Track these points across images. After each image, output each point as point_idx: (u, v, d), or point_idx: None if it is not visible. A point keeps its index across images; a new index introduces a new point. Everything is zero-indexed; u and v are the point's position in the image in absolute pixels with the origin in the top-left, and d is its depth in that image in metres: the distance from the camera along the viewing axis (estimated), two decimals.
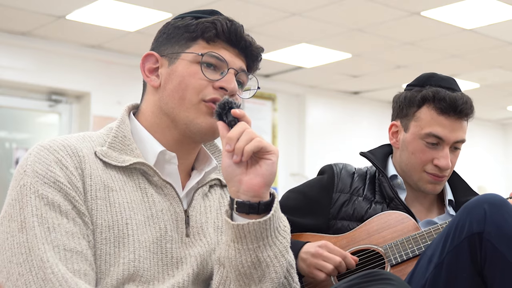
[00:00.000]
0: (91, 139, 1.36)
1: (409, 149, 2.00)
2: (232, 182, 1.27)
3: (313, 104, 7.73)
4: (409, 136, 2.00)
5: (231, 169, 1.27)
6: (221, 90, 1.35)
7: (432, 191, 2.00)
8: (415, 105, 1.99)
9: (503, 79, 7.33)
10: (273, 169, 1.26)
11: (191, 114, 1.35)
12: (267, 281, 1.28)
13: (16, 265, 1.18)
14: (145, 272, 1.28)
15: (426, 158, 1.96)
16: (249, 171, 1.26)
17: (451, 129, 1.95)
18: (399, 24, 5.38)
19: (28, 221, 1.20)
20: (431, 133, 1.94)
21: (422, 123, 1.97)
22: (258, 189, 1.25)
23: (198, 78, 1.35)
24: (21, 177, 1.25)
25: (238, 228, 1.25)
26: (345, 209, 2.00)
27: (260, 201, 1.26)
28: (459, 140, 1.97)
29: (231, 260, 1.28)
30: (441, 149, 1.95)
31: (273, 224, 1.27)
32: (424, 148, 1.96)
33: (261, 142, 1.25)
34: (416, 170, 1.99)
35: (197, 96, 1.35)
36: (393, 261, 1.86)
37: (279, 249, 1.28)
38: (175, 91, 1.36)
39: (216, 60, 1.37)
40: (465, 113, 1.97)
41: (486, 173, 9.49)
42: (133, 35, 5.63)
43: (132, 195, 1.31)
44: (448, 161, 1.94)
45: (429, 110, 1.96)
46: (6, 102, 5.94)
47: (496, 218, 1.55)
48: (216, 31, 1.37)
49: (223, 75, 1.36)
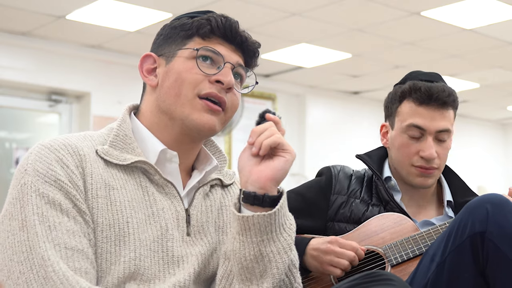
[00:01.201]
0: (92, 138, 1.36)
1: (395, 145, 2.01)
2: (243, 172, 1.31)
3: (313, 104, 7.73)
4: (394, 132, 2.02)
5: (246, 160, 1.31)
6: (217, 84, 1.36)
7: (422, 185, 2.00)
8: (397, 101, 2.01)
9: (503, 79, 7.33)
10: (285, 166, 1.29)
11: (186, 109, 1.35)
12: (268, 277, 1.28)
13: (17, 264, 1.18)
14: (146, 270, 1.28)
15: (411, 151, 1.97)
16: (262, 163, 1.30)
17: (430, 119, 1.95)
18: (399, 24, 5.38)
19: (29, 219, 1.20)
20: (411, 124, 1.95)
21: (403, 117, 1.98)
22: (265, 181, 1.27)
23: (194, 73, 1.36)
24: (22, 176, 1.25)
25: (243, 219, 1.26)
26: (342, 211, 2.00)
27: (265, 193, 1.27)
28: (442, 130, 1.96)
29: (235, 252, 1.29)
30: (424, 140, 1.95)
31: (278, 220, 1.28)
32: (408, 142, 1.97)
33: (280, 139, 1.30)
34: (404, 165, 1.99)
35: (192, 91, 1.35)
36: (394, 262, 1.86)
37: (282, 246, 1.29)
38: (171, 88, 1.36)
39: (212, 54, 1.37)
40: (442, 101, 1.94)
41: (486, 173, 9.49)
42: (133, 35, 5.63)
43: (133, 194, 1.31)
44: (433, 151, 1.94)
45: (409, 103, 1.97)
46: (6, 102, 5.94)
47: (498, 218, 1.55)
48: (211, 27, 1.38)
49: (220, 69, 1.37)
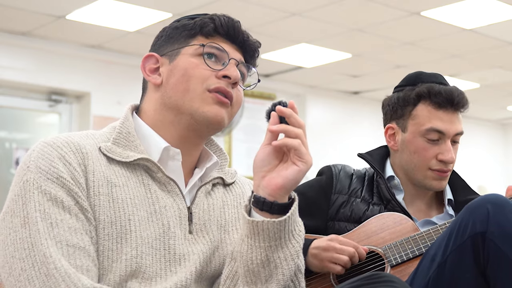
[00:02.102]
0: (94, 137, 1.36)
1: (410, 148, 1.99)
2: (257, 175, 1.29)
3: (313, 104, 7.73)
4: (409, 135, 2.00)
5: (261, 164, 1.28)
6: (224, 79, 1.37)
7: (439, 188, 2.00)
8: (411, 104, 2.00)
9: (503, 79, 7.34)
10: (298, 176, 1.27)
11: (196, 103, 1.36)
12: (273, 282, 1.27)
13: (19, 260, 1.18)
14: (148, 268, 1.28)
15: (430, 155, 1.96)
16: (275, 170, 1.28)
17: (450, 122, 1.95)
18: (399, 24, 5.38)
19: (31, 216, 1.20)
20: (431, 128, 1.95)
21: (421, 120, 1.97)
22: (275, 188, 1.26)
23: (201, 68, 1.37)
24: (24, 172, 1.25)
25: (252, 224, 1.26)
26: (343, 210, 2.00)
27: (274, 201, 1.26)
28: (459, 132, 1.98)
29: (242, 254, 1.28)
30: (443, 143, 1.96)
31: (288, 227, 1.27)
32: (426, 145, 1.96)
33: (299, 146, 1.26)
34: (420, 169, 1.98)
35: (201, 85, 1.36)
36: (393, 262, 1.86)
37: (290, 252, 1.28)
38: (179, 83, 1.37)
39: (217, 51, 1.39)
40: (461, 104, 1.97)
41: (486, 173, 9.50)
42: (133, 35, 5.63)
43: (135, 191, 1.31)
44: (452, 154, 1.96)
45: (426, 106, 1.97)
46: (6, 102, 5.94)
47: (499, 218, 1.55)
48: (215, 25, 1.40)
49: (225, 65, 1.38)
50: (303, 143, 1.27)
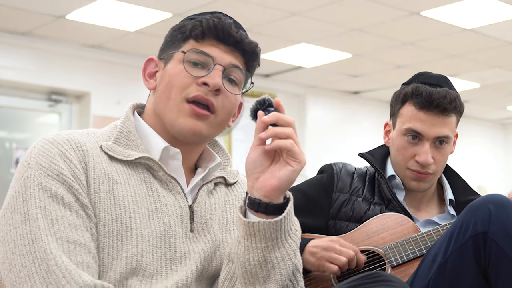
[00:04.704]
0: (95, 135, 1.36)
1: (395, 146, 2.01)
2: (250, 177, 1.27)
3: (313, 104, 7.73)
4: (395, 133, 2.02)
5: (253, 165, 1.26)
6: (204, 86, 1.34)
7: (417, 189, 2.00)
8: (399, 102, 2.01)
9: (503, 79, 7.34)
10: (292, 176, 1.25)
11: (174, 114, 1.35)
12: (271, 282, 1.27)
13: (19, 257, 1.18)
14: (148, 266, 1.28)
15: (408, 154, 1.97)
16: (269, 170, 1.26)
17: (429, 124, 1.93)
18: (399, 24, 5.38)
19: (32, 213, 1.20)
20: (410, 128, 1.95)
21: (403, 119, 1.98)
22: (270, 190, 1.25)
23: (182, 76, 1.35)
24: (24, 169, 1.25)
25: (248, 225, 1.25)
26: (344, 209, 2.00)
27: (270, 202, 1.25)
28: (440, 136, 1.94)
29: (239, 256, 1.28)
30: (421, 145, 1.95)
31: (284, 227, 1.26)
32: (406, 145, 1.97)
33: (292, 146, 1.23)
34: (400, 167, 2.00)
35: (180, 95, 1.34)
36: (394, 262, 1.86)
37: (287, 252, 1.28)
38: (164, 92, 1.36)
39: (202, 56, 1.36)
40: (443, 107, 1.92)
41: (486, 173, 9.50)
42: (133, 35, 5.63)
43: (136, 189, 1.31)
44: (428, 157, 1.93)
45: (410, 106, 1.97)
46: (6, 102, 5.95)
47: (501, 218, 1.55)
48: (202, 29, 1.37)
49: (209, 71, 1.35)
50: (295, 142, 1.24)
